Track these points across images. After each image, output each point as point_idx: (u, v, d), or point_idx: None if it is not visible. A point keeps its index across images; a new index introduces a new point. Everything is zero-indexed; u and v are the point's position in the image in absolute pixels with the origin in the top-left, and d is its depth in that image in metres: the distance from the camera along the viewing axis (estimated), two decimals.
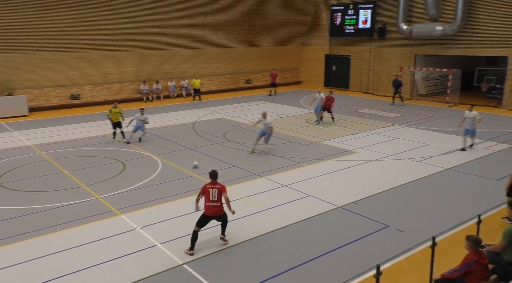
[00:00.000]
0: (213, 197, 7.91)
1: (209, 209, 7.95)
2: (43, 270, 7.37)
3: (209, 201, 7.94)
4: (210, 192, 7.93)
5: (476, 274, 5.56)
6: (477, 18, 22.51)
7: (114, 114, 16.03)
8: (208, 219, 7.99)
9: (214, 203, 7.92)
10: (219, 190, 7.95)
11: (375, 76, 27.98)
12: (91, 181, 11.84)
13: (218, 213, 8.00)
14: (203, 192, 8.04)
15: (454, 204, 10.03)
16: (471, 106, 14.51)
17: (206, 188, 8.03)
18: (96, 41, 23.95)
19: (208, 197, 7.95)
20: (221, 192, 7.94)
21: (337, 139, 16.10)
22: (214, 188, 7.97)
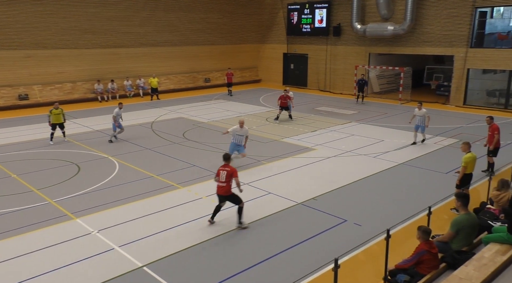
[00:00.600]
0: (222, 178, 8.74)
1: (218, 188, 8.84)
2: None
3: (219, 181, 8.80)
4: (221, 173, 8.78)
5: (427, 263, 5.85)
6: (425, 18, 23.62)
7: (55, 116, 15.42)
8: (218, 197, 8.92)
9: (222, 183, 8.75)
10: (228, 173, 8.74)
11: (332, 74, 28.66)
12: (42, 185, 11.31)
13: (224, 193, 8.77)
14: (217, 174, 8.89)
15: (407, 197, 10.49)
16: (420, 104, 14.96)
17: (219, 170, 8.87)
18: (44, 39, 22.84)
19: (218, 178, 8.81)
20: (230, 175, 8.72)
21: (296, 137, 16.35)
22: (224, 170, 8.78)
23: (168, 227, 8.83)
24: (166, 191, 10.89)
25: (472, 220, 6.52)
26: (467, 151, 9.56)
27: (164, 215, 9.49)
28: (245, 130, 12.56)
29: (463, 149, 9.68)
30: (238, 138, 12.54)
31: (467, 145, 9.67)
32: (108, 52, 25.34)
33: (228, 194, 8.80)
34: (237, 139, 12.55)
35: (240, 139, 12.55)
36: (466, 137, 15.84)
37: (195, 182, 11.48)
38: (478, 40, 22.53)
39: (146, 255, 7.75)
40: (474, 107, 22.24)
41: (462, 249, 6.35)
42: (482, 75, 23.34)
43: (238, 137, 12.53)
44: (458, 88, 23.07)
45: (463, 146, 9.70)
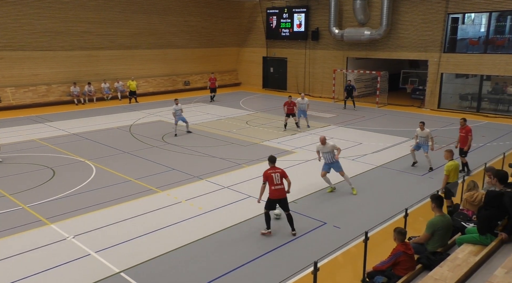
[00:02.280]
0: (277, 181, 8.51)
1: (275, 192, 8.52)
2: None
3: (273, 185, 8.51)
4: (273, 176, 8.53)
5: (403, 264, 5.96)
6: (400, 23, 24.15)
7: None
8: (274, 202, 8.60)
9: (279, 186, 8.51)
10: (281, 174, 8.60)
11: (311, 78, 28.94)
12: (15, 190, 10.99)
13: (282, 196, 8.56)
14: (266, 178, 8.55)
15: (384, 199, 10.67)
16: (423, 124, 12.74)
17: (268, 173, 8.58)
18: (17, 40, 22.23)
19: (272, 182, 8.51)
20: (283, 176, 8.61)
21: (276, 140, 16.42)
22: (276, 172, 8.59)
23: (146, 232, 8.72)
24: (145, 195, 10.76)
25: (447, 221, 6.68)
26: (449, 158, 9.50)
27: (142, 219, 9.36)
28: (330, 146, 10.96)
29: (446, 157, 9.62)
30: (327, 156, 11.00)
31: (450, 153, 9.59)
32: (85, 54, 24.88)
33: (285, 196, 8.63)
34: (327, 158, 11.02)
35: (329, 157, 10.98)
36: (441, 140, 16.24)
37: (175, 186, 11.37)
38: (451, 45, 23.19)
39: (124, 260, 7.62)
40: (448, 111, 22.84)
41: (437, 250, 6.49)
42: (455, 80, 24.03)
43: (327, 156, 11.01)
44: (432, 92, 23.66)
45: (446, 154, 9.63)
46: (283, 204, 8.64)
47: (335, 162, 11.03)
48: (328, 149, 10.91)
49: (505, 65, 20.99)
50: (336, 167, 11.10)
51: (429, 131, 12.71)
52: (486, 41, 22.09)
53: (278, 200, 8.57)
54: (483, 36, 22.46)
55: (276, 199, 8.56)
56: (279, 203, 8.63)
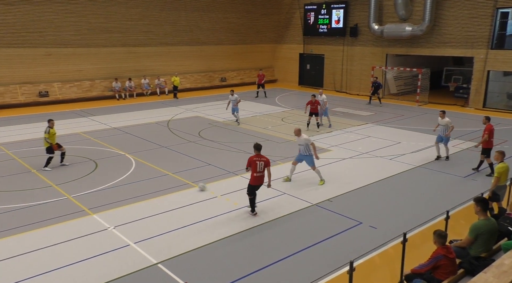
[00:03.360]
0: (260, 168, 8.99)
1: (256, 179, 9.06)
2: (14, 271, 7.14)
3: (256, 172, 8.99)
4: (258, 164, 8.97)
5: (443, 268, 5.75)
6: (444, 19, 23.24)
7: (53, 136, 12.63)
8: (256, 187, 9.16)
9: (260, 174, 9.04)
10: (265, 163, 9.04)
11: (348, 75, 28.44)
12: (61, 180, 11.52)
13: (262, 182, 9.19)
14: (250, 164, 9.03)
15: (424, 200, 10.35)
16: (443, 113, 13.38)
17: (253, 160, 9.00)
18: (64, 37, 23.26)
19: (255, 169, 8.96)
20: (266, 165, 9.06)
21: (311, 138, 16.19)
22: (261, 160, 9.03)
23: (183, 225, 8.90)
24: (182, 189, 10.98)
25: (492, 225, 6.39)
26: (500, 160, 9.04)
27: (179, 213, 9.56)
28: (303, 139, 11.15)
29: (496, 158, 9.21)
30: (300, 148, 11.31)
31: (501, 154, 9.12)
32: (126, 51, 25.67)
33: (263, 182, 9.21)
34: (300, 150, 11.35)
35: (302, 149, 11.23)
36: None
37: (210, 181, 11.54)
38: (499, 42, 22.06)
39: (161, 252, 7.83)
40: (494, 110, 21.79)
41: (480, 255, 6.22)
42: (503, 78, 22.84)
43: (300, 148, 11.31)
44: (477, 91, 22.64)
45: (497, 155, 9.20)
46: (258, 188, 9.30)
47: (308, 155, 11.24)
48: (302, 142, 11.14)
49: None
50: (308, 161, 11.28)
51: (448, 120, 13.16)
52: None
53: (258, 185, 9.15)
54: None
55: (256, 185, 9.12)
56: (258, 188, 9.23)
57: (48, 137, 12.43)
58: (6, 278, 6.98)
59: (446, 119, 13.18)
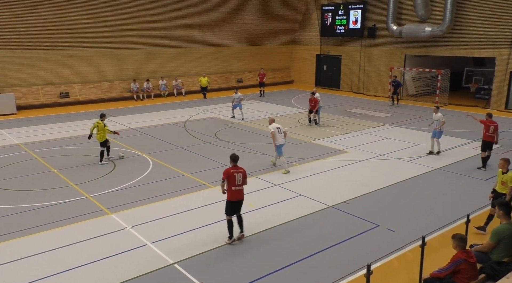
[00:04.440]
0: (238, 181, 7.83)
1: (235, 194, 7.87)
2: (32, 269, 7.29)
3: (234, 185, 7.81)
4: (236, 176, 7.79)
5: (464, 273, 5.63)
6: (465, 19, 22.79)
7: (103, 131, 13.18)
8: (235, 203, 7.91)
9: (239, 187, 7.85)
10: (243, 174, 7.91)
11: (366, 76, 28.16)
12: (80, 180, 11.73)
13: (242, 197, 7.97)
14: (227, 176, 7.83)
15: (443, 204, 10.15)
16: (437, 108, 14.27)
17: (231, 172, 7.83)
18: (85, 39, 23.72)
19: (233, 182, 7.78)
20: (244, 176, 7.92)
21: (328, 139, 16.17)
22: (239, 172, 7.88)
23: (199, 225, 8.94)
24: (198, 190, 11.04)
25: None
26: (506, 168, 8.55)
27: (196, 214, 9.62)
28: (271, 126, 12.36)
29: (501, 166, 8.66)
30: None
31: (507, 162, 8.64)
32: (145, 52, 26.01)
33: (243, 198, 8.06)
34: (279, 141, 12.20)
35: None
36: (508, 143, 15.21)
37: None
38: None
39: (178, 252, 7.88)
40: None
41: (502, 260, 6.07)
42: None
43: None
44: (499, 92, 22.12)
45: (502, 163, 8.69)
46: (240, 205, 8.07)
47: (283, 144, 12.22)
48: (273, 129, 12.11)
49: None
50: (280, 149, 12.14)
51: (441, 115, 14.00)
52: None
53: (238, 201, 7.91)
54: None
55: (236, 200, 7.90)
56: (239, 205, 8.02)
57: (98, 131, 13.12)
58: (26, 276, 7.13)
59: (439, 114, 14.05)
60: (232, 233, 8.05)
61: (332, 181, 11.78)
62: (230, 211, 8.03)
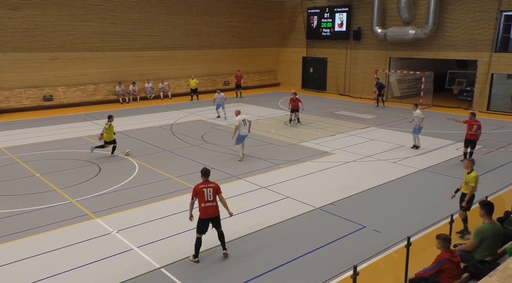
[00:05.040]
0: (208, 197, 7.39)
1: (206, 211, 7.41)
2: (16, 276, 7.15)
3: (204, 202, 7.39)
4: (205, 192, 7.39)
5: (448, 272, 5.71)
6: (448, 22, 23.20)
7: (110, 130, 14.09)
8: (206, 221, 7.50)
9: (210, 203, 7.40)
10: (214, 189, 7.48)
11: (351, 78, 28.43)
12: (64, 184, 11.55)
13: (215, 214, 7.48)
14: (196, 193, 7.45)
15: (428, 204, 10.29)
16: (415, 106, 15.14)
17: (199, 188, 7.44)
18: (70, 41, 23.42)
19: (202, 198, 7.39)
20: (216, 192, 7.50)
21: (315, 141, 16.26)
22: (209, 187, 7.47)
23: (185, 229, 8.88)
24: (185, 193, 10.96)
25: (497, 229, 6.35)
26: (470, 169, 8.60)
27: (182, 217, 9.53)
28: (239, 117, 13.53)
29: (467, 166, 8.70)
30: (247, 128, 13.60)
31: (472, 162, 8.71)
32: (131, 55, 25.79)
33: (218, 214, 7.59)
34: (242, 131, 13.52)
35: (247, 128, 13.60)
36: (491, 144, 15.49)
37: None
38: (503, 45, 21.99)
39: (164, 256, 7.81)
40: (498, 113, 21.68)
41: (485, 259, 6.18)
42: (507, 80, 22.75)
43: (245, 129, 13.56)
44: (481, 93, 22.56)
45: (468, 163, 8.69)
46: (216, 222, 7.58)
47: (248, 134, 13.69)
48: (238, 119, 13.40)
49: None
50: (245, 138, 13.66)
51: (419, 112, 14.88)
52: None
53: (210, 218, 7.47)
54: None
55: (207, 218, 7.44)
56: (212, 222, 7.55)
57: (106, 131, 14.02)
58: (10, 282, 6.98)
59: (417, 111, 14.89)
60: (198, 252, 7.56)
61: (319, 182, 11.84)
62: (200, 229, 7.54)
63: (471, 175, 8.57)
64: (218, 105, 20.32)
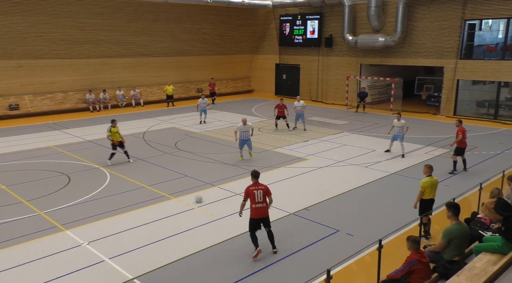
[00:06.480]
0: (259, 198, 7.88)
1: (256, 211, 7.90)
2: None
3: (255, 202, 7.88)
4: (255, 193, 7.89)
5: (418, 273, 5.84)
6: (416, 30, 23.96)
7: (114, 134, 14.08)
8: (257, 221, 7.95)
9: (260, 204, 7.88)
10: (264, 191, 7.94)
11: (324, 84, 28.86)
12: (32, 196, 11.16)
13: (265, 214, 7.96)
14: (247, 195, 7.95)
15: (398, 207, 10.52)
16: (399, 115, 15.11)
17: (250, 190, 7.95)
18: (36, 48, 22.77)
19: (253, 199, 7.88)
20: (266, 193, 7.95)
21: (288, 147, 16.37)
22: (259, 189, 7.94)
23: (159, 238, 8.74)
24: (158, 202, 10.81)
25: (463, 229, 6.54)
26: (428, 174, 8.85)
27: (155, 226, 9.39)
28: (249, 126, 14.23)
29: (424, 172, 8.90)
30: (244, 134, 14.14)
31: (429, 168, 8.92)
32: (101, 62, 25.31)
33: (267, 215, 8.03)
34: (244, 135, 14.14)
35: (246, 134, 14.13)
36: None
37: (187, 192, 11.41)
38: (468, 52, 22.89)
39: (137, 267, 7.65)
40: (464, 118, 22.44)
41: (453, 259, 6.35)
42: (472, 86, 23.65)
43: (244, 134, 14.14)
44: (448, 99, 23.35)
45: (425, 169, 8.92)
46: (266, 222, 8.06)
47: (248, 139, 14.25)
48: (247, 128, 14.13)
49: None
50: (249, 144, 14.32)
51: (404, 122, 14.92)
52: (504, 48, 21.75)
53: (260, 219, 7.94)
54: (501, 42, 22.12)
55: (258, 218, 7.92)
56: (262, 222, 8.02)
57: (110, 135, 14.03)
58: None
59: (402, 121, 14.95)
60: (256, 244, 7.99)
61: (292, 188, 11.91)
62: (252, 228, 8.02)
63: (422, 180, 8.81)
64: (201, 111, 20.54)
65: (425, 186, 8.73)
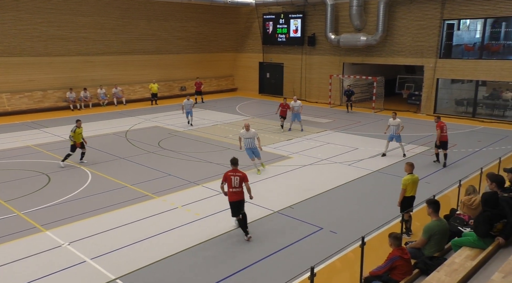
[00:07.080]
0: (235, 184, 8.55)
1: (232, 195, 8.59)
2: None
3: (232, 187, 8.57)
4: (232, 179, 8.56)
5: (400, 269, 5.94)
6: (396, 29, 24.30)
7: (78, 135, 13.61)
8: (234, 204, 8.60)
9: (236, 189, 8.57)
10: (241, 178, 8.57)
11: (307, 83, 29.01)
12: (10, 196, 10.90)
13: (240, 198, 8.61)
14: (225, 179, 8.63)
15: (381, 204, 10.67)
16: (395, 114, 14.82)
17: (228, 175, 8.62)
18: (13, 45, 22.20)
19: (230, 184, 8.57)
20: (242, 180, 8.57)
21: (272, 145, 16.41)
22: (236, 175, 8.59)
23: (142, 238, 8.66)
24: (141, 201, 10.70)
25: (443, 226, 6.67)
26: (409, 171, 9.04)
27: (138, 226, 9.30)
28: (253, 133, 12.97)
29: (405, 169, 9.09)
30: (248, 141, 12.99)
31: (410, 166, 9.11)
32: (82, 60, 24.85)
33: (243, 199, 8.70)
34: (248, 143, 13.01)
35: (251, 142, 12.98)
36: None
37: (171, 192, 11.33)
38: (447, 51, 23.34)
39: (119, 267, 7.56)
40: (444, 116, 22.84)
41: (434, 254, 6.47)
42: (451, 85, 24.15)
43: (248, 141, 12.98)
44: (428, 97, 23.77)
45: (406, 167, 9.11)
46: (241, 204, 8.73)
47: (255, 148, 12.98)
48: (250, 135, 12.87)
49: (500, 71, 21.14)
50: (256, 153, 13.08)
51: (400, 120, 14.59)
52: (482, 47, 22.27)
53: (237, 202, 8.62)
54: (478, 42, 22.63)
55: (233, 201, 8.62)
56: (241, 205, 8.69)
57: (73, 136, 13.43)
58: None
59: (397, 120, 14.59)
60: (246, 231, 8.61)
61: (277, 186, 11.95)
62: (233, 212, 8.66)
63: (403, 178, 8.99)
64: (187, 113, 19.93)
65: (406, 184, 8.91)
